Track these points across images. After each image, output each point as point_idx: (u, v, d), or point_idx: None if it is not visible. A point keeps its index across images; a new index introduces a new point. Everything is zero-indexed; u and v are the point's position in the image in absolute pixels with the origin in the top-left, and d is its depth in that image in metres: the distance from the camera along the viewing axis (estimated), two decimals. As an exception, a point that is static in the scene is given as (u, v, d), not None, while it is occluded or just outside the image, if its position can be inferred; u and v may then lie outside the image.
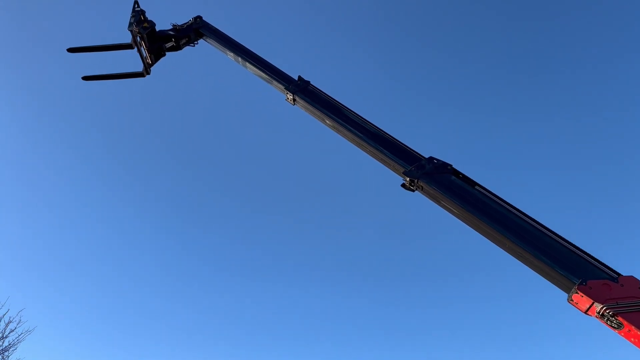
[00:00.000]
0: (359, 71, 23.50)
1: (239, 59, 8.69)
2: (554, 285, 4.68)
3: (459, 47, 22.92)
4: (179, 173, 24.73)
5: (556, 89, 22.10)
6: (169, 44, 9.03)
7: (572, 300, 4.39)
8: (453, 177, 5.74)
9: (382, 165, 6.50)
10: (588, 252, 4.69)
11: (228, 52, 8.80)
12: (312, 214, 24.33)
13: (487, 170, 21.08)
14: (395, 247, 23.22)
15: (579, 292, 4.31)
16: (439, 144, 20.88)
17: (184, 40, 9.18)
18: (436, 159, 5.95)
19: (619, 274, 4.43)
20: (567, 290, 4.49)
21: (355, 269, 23.12)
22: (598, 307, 4.18)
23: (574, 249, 4.72)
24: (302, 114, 7.86)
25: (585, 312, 4.29)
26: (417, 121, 22.66)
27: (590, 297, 4.23)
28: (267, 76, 8.29)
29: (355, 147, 7.01)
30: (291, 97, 7.65)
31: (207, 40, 9.23)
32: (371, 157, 6.84)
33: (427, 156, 6.04)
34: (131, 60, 9.59)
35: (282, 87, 7.87)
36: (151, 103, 22.99)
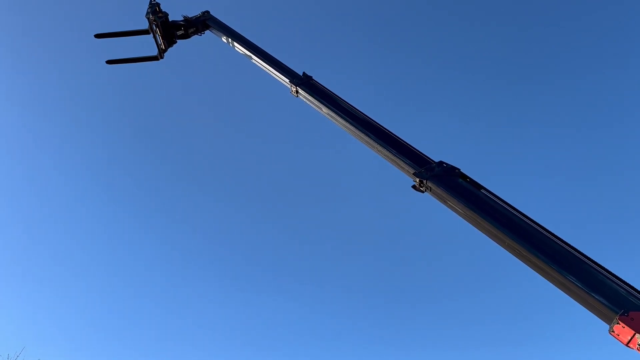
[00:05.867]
0: (365, 76, 23.13)
1: (246, 51, 9.08)
2: (590, 312, 4.43)
3: (467, 50, 22.52)
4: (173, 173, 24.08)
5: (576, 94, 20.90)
6: (179, 32, 9.99)
7: (614, 332, 4.11)
8: (460, 180, 6.05)
9: (392, 165, 6.91)
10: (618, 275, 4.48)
11: (232, 44, 9.43)
12: (308, 215, 24.09)
13: (493, 175, 20.70)
14: (392, 249, 23.09)
15: (620, 322, 4.07)
16: (444, 147, 20.62)
17: (192, 30, 10.04)
18: (445, 163, 6.20)
19: None
20: (606, 319, 4.25)
21: (354, 270, 22.97)
22: None
23: (607, 274, 4.52)
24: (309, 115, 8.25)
25: (627, 345, 4.06)
26: (423, 124, 22.26)
27: (633, 329, 4.00)
28: (271, 69, 8.66)
29: (365, 146, 7.39)
30: (294, 89, 8.03)
31: (213, 31, 10.02)
32: (379, 156, 7.24)
33: (437, 160, 6.42)
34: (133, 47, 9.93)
35: (287, 80, 8.24)
36: (150, 102, 22.73)
